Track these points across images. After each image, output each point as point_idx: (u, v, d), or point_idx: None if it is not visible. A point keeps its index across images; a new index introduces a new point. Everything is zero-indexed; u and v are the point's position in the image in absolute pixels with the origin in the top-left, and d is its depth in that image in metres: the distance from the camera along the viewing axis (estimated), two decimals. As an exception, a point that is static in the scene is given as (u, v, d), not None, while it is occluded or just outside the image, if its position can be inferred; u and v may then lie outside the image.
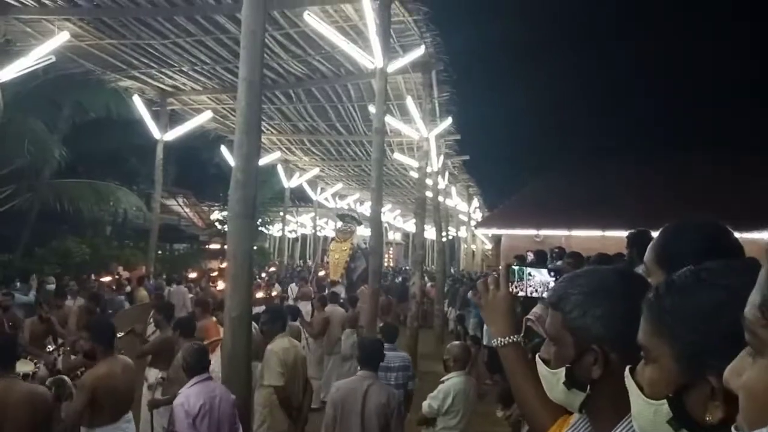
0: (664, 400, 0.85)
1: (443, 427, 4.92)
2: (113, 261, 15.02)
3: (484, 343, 9.87)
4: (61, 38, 9.65)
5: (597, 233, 16.81)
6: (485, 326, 9.89)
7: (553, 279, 1.61)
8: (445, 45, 10.84)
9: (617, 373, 1.03)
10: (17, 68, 9.64)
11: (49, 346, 6.79)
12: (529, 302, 1.58)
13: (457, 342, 5.57)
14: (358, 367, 4.39)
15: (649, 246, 1.52)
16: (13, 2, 9.44)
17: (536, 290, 1.62)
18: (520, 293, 1.62)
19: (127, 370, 4.24)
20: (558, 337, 1.17)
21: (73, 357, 5.30)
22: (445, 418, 4.90)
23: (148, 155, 15.69)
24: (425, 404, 4.98)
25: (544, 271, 1.66)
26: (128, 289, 10.74)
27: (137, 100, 13.39)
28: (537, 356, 1.23)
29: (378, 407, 4.04)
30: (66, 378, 4.47)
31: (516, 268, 1.65)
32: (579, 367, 1.13)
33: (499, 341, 1.55)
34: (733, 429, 0.67)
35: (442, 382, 5.04)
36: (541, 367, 1.21)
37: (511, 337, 1.54)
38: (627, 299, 1.06)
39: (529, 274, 1.63)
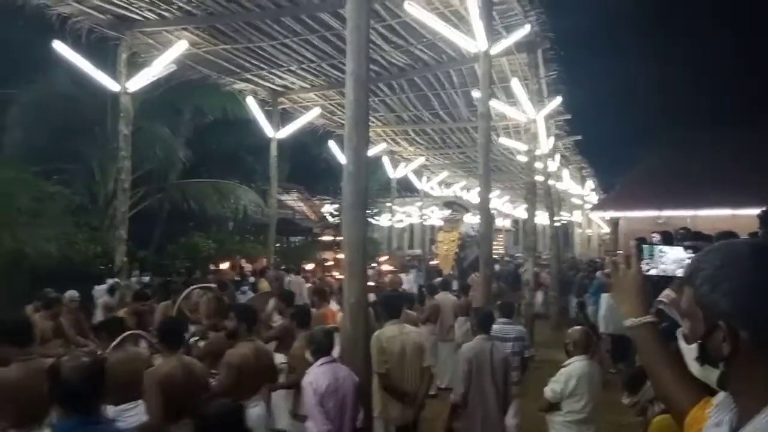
0: None
1: (569, 411, 4.85)
2: (236, 254, 15.97)
3: (602, 331, 9.50)
4: (180, 47, 10.32)
5: (727, 212, 15.52)
6: (601, 313, 9.50)
7: (689, 256, 1.52)
8: (551, 22, 10.47)
9: (750, 352, 0.98)
10: (144, 78, 10.44)
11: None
12: (661, 281, 1.51)
13: (578, 326, 5.40)
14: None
15: None
16: (136, 17, 10.23)
17: (668, 268, 1.53)
18: (652, 271, 1.54)
19: (260, 354, 4.59)
20: (690, 313, 1.15)
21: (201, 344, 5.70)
22: (569, 402, 4.83)
23: (263, 153, 16.49)
24: (547, 389, 4.92)
25: (678, 248, 1.56)
26: (251, 279, 11.39)
27: (251, 101, 14.08)
28: (679, 331, 1.19)
29: (501, 361, 5.11)
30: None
31: (646, 245, 1.57)
32: (710, 344, 1.11)
33: (631, 322, 1.48)
34: None
35: (564, 366, 4.96)
36: (681, 343, 1.18)
37: (645, 317, 1.47)
38: (758, 275, 1.02)
39: (661, 252, 1.55)
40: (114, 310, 7.74)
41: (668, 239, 7.04)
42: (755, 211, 4.51)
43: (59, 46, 9.65)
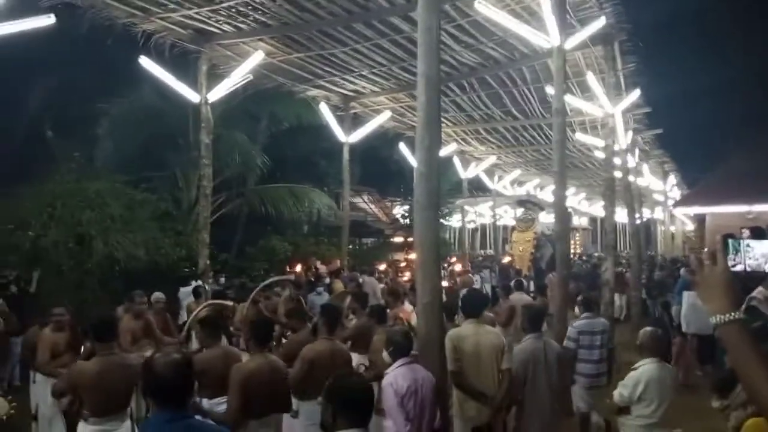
0: None
1: (638, 416, 4.79)
2: (311, 256, 16.36)
3: (684, 330, 9.08)
4: (257, 57, 10.67)
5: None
6: (684, 313, 9.07)
7: (781, 250, 1.45)
8: (627, 12, 10.08)
9: None
10: (222, 89, 10.86)
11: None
12: (749, 276, 1.45)
13: (649, 328, 5.24)
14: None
15: None
16: (215, 30, 10.67)
17: (757, 263, 1.47)
18: (738, 267, 1.48)
19: (336, 352, 4.81)
20: None
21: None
22: (639, 407, 4.76)
23: (335, 157, 16.80)
24: (616, 393, 4.90)
25: (766, 242, 1.50)
26: (327, 281, 11.63)
27: (323, 107, 14.36)
28: None
29: (556, 356, 5.04)
30: None
31: (733, 240, 1.52)
32: None
33: (718, 319, 1.43)
34: None
35: (634, 369, 4.89)
36: None
37: (732, 314, 1.42)
38: None
39: (748, 246, 1.49)
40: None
41: (759, 234, 6.65)
42: None
43: (145, 62, 10.18)
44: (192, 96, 10.71)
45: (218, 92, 10.82)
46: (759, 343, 1.23)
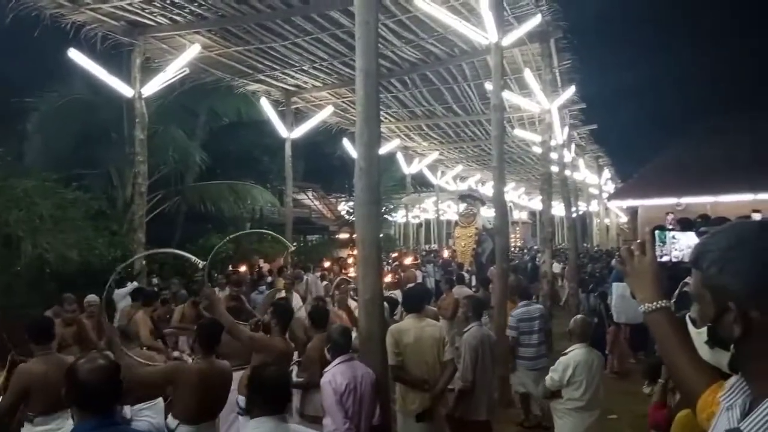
0: None
1: (568, 398, 5.03)
2: (254, 254, 16.08)
3: (615, 320, 9.43)
4: (193, 51, 10.41)
5: (748, 197, 15.27)
6: (614, 303, 9.43)
7: (702, 240, 1.51)
8: (563, 10, 10.35)
9: (762, 332, 0.98)
10: (158, 83, 10.54)
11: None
12: (675, 267, 1.50)
13: (579, 315, 5.63)
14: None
15: None
16: (149, 22, 10.32)
17: (681, 254, 1.52)
18: (665, 257, 1.53)
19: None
20: (699, 296, 1.15)
21: None
22: (569, 390, 5.01)
23: (278, 153, 16.56)
24: (547, 378, 5.17)
25: (691, 234, 1.55)
26: (269, 279, 11.45)
27: (264, 102, 14.15)
28: (687, 316, 1.18)
29: (493, 345, 5.52)
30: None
31: (659, 232, 1.56)
32: (720, 326, 1.10)
33: (646, 307, 1.48)
34: None
35: (564, 354, 5.17)
36: (690, 327, 1.17)
37: (660, 302, 1.46)
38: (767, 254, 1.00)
39: (674, 238, 1.53)
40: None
41: (686, 225, 6.97)
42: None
43: (74, 54, 9.77)
44: (125, 90, 10.37)
45: (153, 86, 10.53)
46: (684, 327, 1.28)
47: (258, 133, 18.72)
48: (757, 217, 7.14)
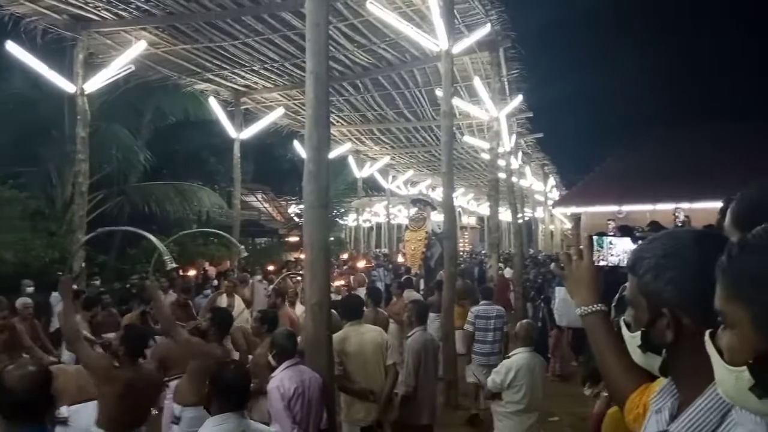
0: (745, 367, 0.81)
1: (508, 401, 5.12)
2: (200, 257, 15.71)
3: (558, 323, 9.67)
4: (138, 47, 10.14)
5: (684, 206, 15.93)
6: (556, 306, 9.67)
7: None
8: (512, 21, 10.59)
9: (693, 338, 1.01)
10: (101, 79, 10.22)
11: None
12: (613, 272, 1.55)
13: (524, 320, 5.75)
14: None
15: (729, 209, 1.45)
16: (93, 17, 9.99)
17: (618, 259, 1.57)
18: (602, 262, 1.58)
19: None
20: (634, 301, 1.17)
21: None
22: (509, 393, 5.09)
23: (226, 154, 16.27)
24: (489, 379, 5.25)
25: (627, 239, 1.60)
26: (215, 283, 11.22)
27: (213, 102, 13.90)
28: (621, 319, 1.22)
29: (437, 349, 5.64)
30: None
31: (597, 237, 1.61)
32: (653, 331, 1.13)
33: (583, 310, 1.53)
34: None
35: (507, 357, 5.29)
36: (624, 331, 1.21)
37: (596, 305, 1.51)
38: (701, 262, 1.03)
39: (611, 243, 1.59)
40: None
41: (626, 233, 7.22)
42: (709, 204, 4.69)
43: (12, 48, 9.38)
44: (67, 86, 10.00)
45: (96, 83, 10.21)
46: (618, 331, 1.32)
47: (206, 133, 18.33)
48: (680, 220, 7.48)
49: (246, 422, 3.09)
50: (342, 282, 11.40)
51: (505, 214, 22.66)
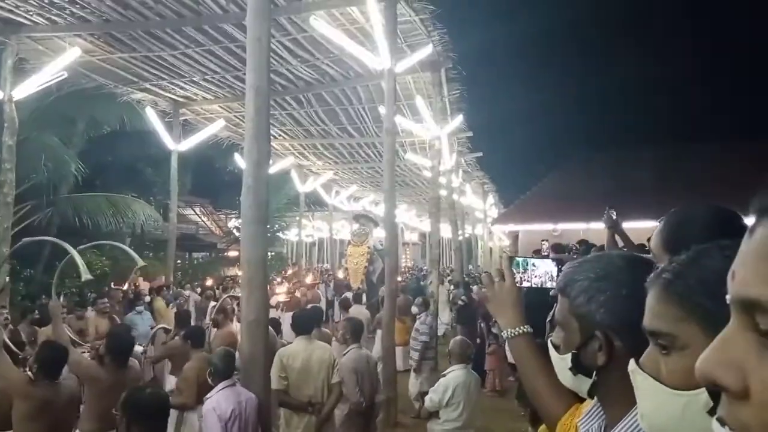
0: (702, 390, 0.70)
1: (446, 420, 5.12)
2: (132, 272, 15.15)
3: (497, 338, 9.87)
4: (72, 54, 9.78)
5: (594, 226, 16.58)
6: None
7: (557, 268, 1.60)
8: (453, 42, 10.83)
9: (623, 362, 1.00)
10: (31, 86, 9.80)
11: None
12: (535, 292, 1.57)
13: (459, 337, 5.82)
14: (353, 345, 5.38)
15: (656, 231, 1.50)
16: (24, 21, 9.60)
17: (540, 280, 1.61)
18: (525, 284, 1.61)
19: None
20: (565, 323, 1.16)
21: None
22: (447, 411, 5.11)
23: (163, 166, 15.83)
24: (427, 398, 5.25)
25: (549, 261, 1.65)
26: (147, 299, 10.85)
27: (150, 112, 13.54)
28: (549, 341, 1.22)
29: (374, 365, 5.57)
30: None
31: (520, 259, 1.64)
32: (584, 354, 1.12)
33: (508, 332, 1.53)
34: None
35: (444, 375, 5.29)
36: (552, 352, 1.20)
37: (521, 327, 1.52)
38: (634, 287, 1.00)
39: (533, 265, 1.62)
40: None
41: (560, 250, 7.45)
42: (641, 224, 4.89)
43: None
44: (-7, 92, 9.52)
45: (26, 89, 9.77)
46: (544, 352, 1.33)
47: (142, 143, 17.80)
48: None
49: None
50: (286, 298, 11.27)
51: (445, 231, 22.98)
